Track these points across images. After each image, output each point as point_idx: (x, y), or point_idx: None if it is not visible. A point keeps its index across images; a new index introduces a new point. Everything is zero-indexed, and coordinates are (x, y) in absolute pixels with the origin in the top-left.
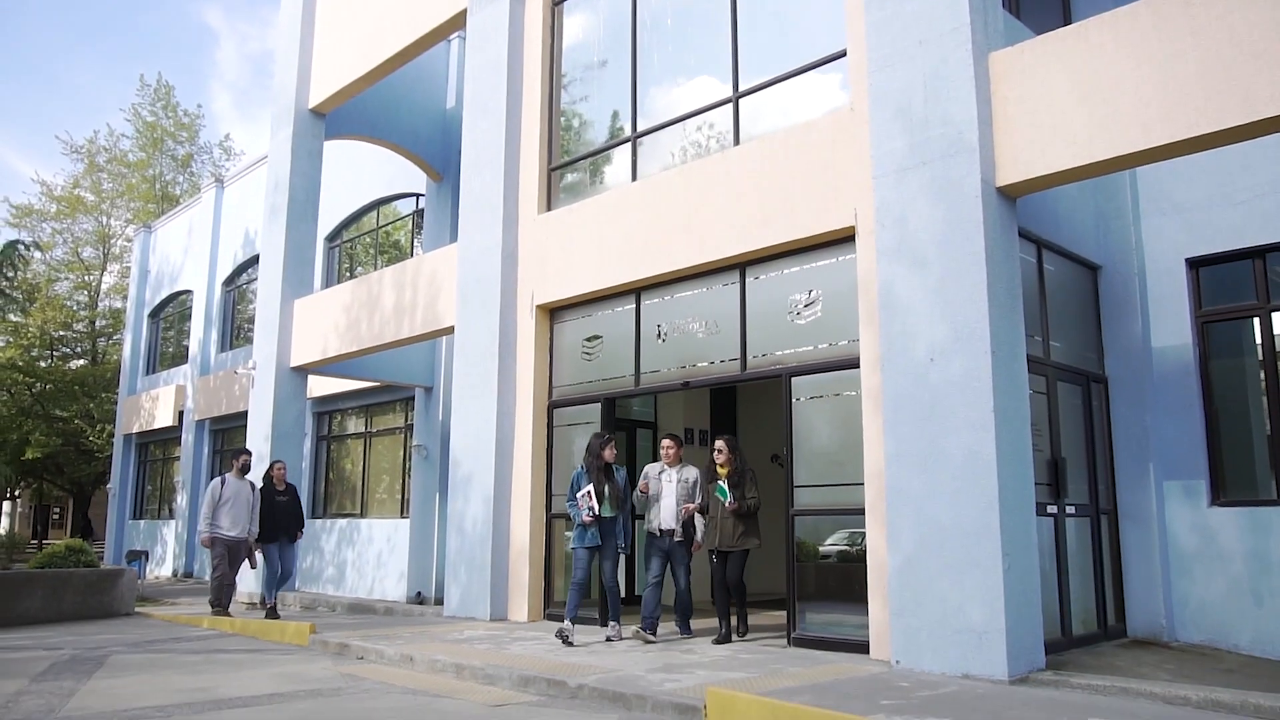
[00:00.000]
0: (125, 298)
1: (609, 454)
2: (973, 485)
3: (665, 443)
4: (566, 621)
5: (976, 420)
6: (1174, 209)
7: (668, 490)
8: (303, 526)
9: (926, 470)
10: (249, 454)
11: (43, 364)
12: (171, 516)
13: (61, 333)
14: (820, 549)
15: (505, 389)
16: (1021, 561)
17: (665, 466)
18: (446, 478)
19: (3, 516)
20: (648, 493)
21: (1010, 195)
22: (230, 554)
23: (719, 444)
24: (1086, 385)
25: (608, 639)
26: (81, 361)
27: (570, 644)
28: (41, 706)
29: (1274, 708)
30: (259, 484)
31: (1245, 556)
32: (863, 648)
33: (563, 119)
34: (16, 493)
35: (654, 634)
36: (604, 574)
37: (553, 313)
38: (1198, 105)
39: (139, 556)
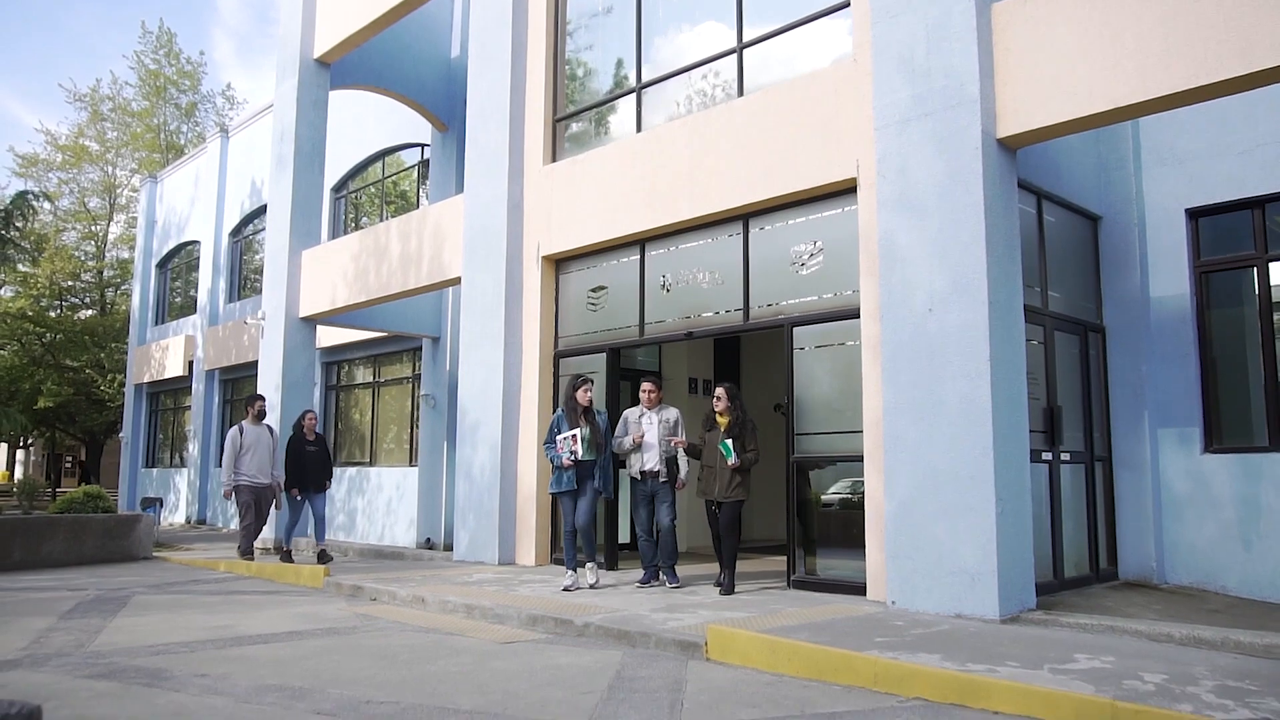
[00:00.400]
0: (132, 248)
1: (582, 396)
2: (968, 432)
3: (645, 386)
4: (568, 573)
5: (973, 369)
6: (1175, 159)
7: (649, 432)
8: (331, 476)
9: (924, 418)
10: (263, 399)
11: (52, 314)
12: (183, 465)
13: (70, 283)
14: (822, 497)
15: (512, 339)
16: (1014, 506)
17: (645, 410)
18: (454, 426)
19: (16, 465)
20: (641, 441)
21: (1010, 147)
22: (257, 501)
23: (718, 391)
24: (1084, 335)
25: (590, 585)
26: (90, 312)
27: (570, 590)
28: (71, 642)
29: (1253, 643)
30: (283, 432)
31: (1235, 502)
32: (860, 590)
33: (568, 69)
34: (30, 441)
35: (656, 580)
36: (578, 516)
37: (558, 264)
38: (1198, 57)
39: (154, 503)
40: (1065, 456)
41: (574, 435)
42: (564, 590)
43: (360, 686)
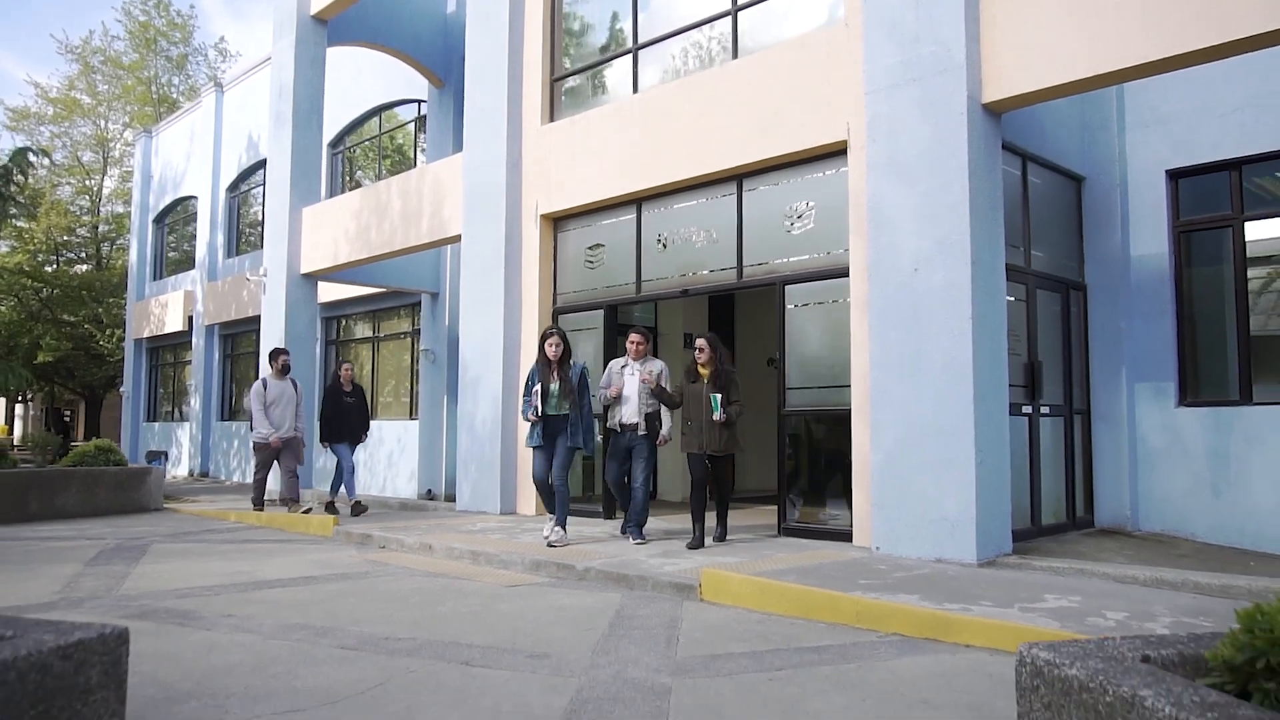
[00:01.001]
0: (127, 202)
1: (548, 350)
2: (951, 388)
3: (633, 337)
4: (549, 518)
5: (955, 327)
6: (1157, 122)
7: (630, 385)
8: (368, 428)
9: (909, 374)
10: (287, 353)
11: (48, 269)
12: (185, 419)
13: (65, 238)
14: (812, 449)
15: (512, 296)
16: (993, 458)
17: (629, 360)
18: (454, 380)
19: (15, 420)
20: (619, 393)
21: (995, 111)
22: (279, 455)
23: (699, 342)
24: (1066, 292)
25: (548, 542)
26: (86, 267)
27: (553, 545)
28: (100, 586)
29: (1210, 584)
30: (300, 385)
31: (1207, 453)
32: (847, 537)
33: (565, 28)
34: (29, 396)
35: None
36: (539, 470)
37: (556, 222)
38: (1176, 26)
39: (159, 456)
40: (1045, 410)
41: (536, 390)
42: (546, 543)
43: (378, 625)
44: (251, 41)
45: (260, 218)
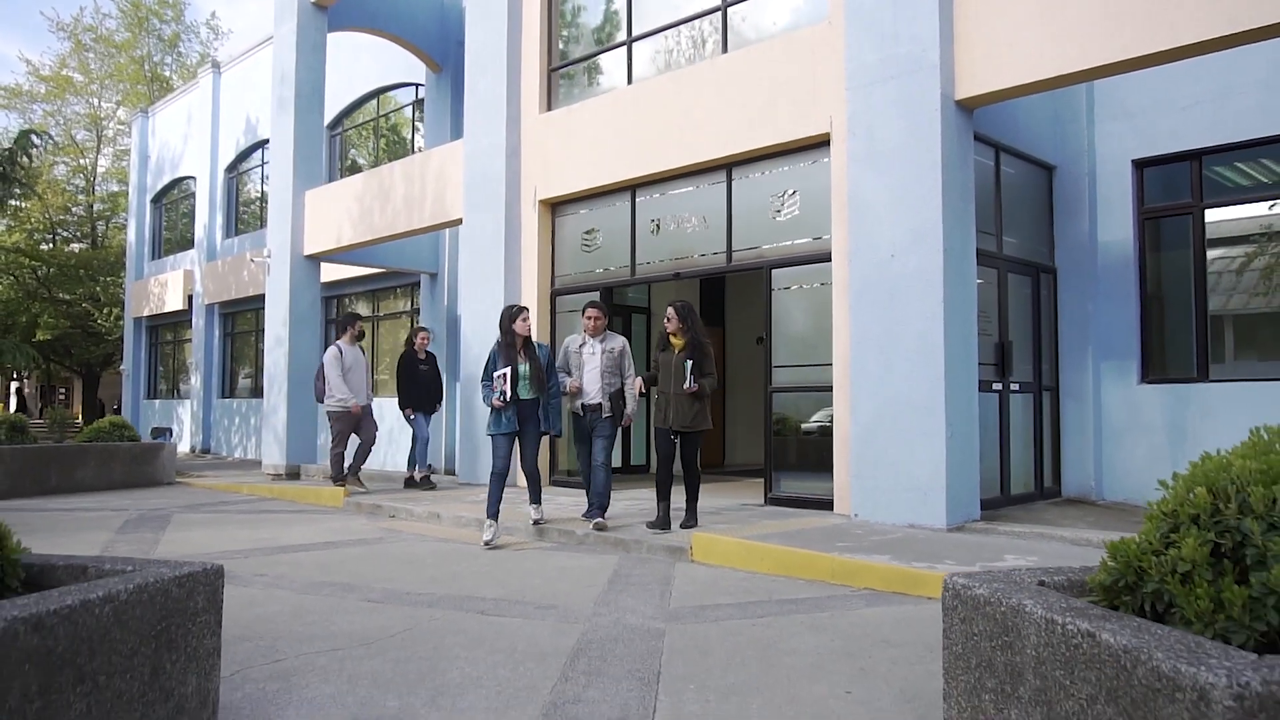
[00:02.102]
0: (121, 181)
1: (520, 327)
2: (923, 366)
3: (590, 312)
4: (488, 523)
5: (928, 310)
6: (1124, 114)
7: (590, 364)
8: (442, 398)
9: (885, 353)
10: (360, 318)
11: (44, 248)
12: (186, 396)
13: (61, 216)
14: (802, 426)
15: (511, 277)
16: (962, 431)
17: (587, 338)
18: (453, 359)
19: (11, 397)
20: (579, 392)
21: (968, 108)
22: (357, 427)
23: (669, 312)
24: (1036, 276)
25: (534, 522)
26: (81, 245)
27: (494, 546)
28: (135, 551)
29: None
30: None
31: (1166, 427)
32: (828, 505)
33: (562, 19)
34: (26, 374)
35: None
36: (524, 460)
37: (554, 207)
38: (1131, 31)
39: (164, 432)
40: (1015, 387)
41: (504, 374)
42: (485, 545)
43: (398, 582)
44: (240, 17)
45: (258, 198)
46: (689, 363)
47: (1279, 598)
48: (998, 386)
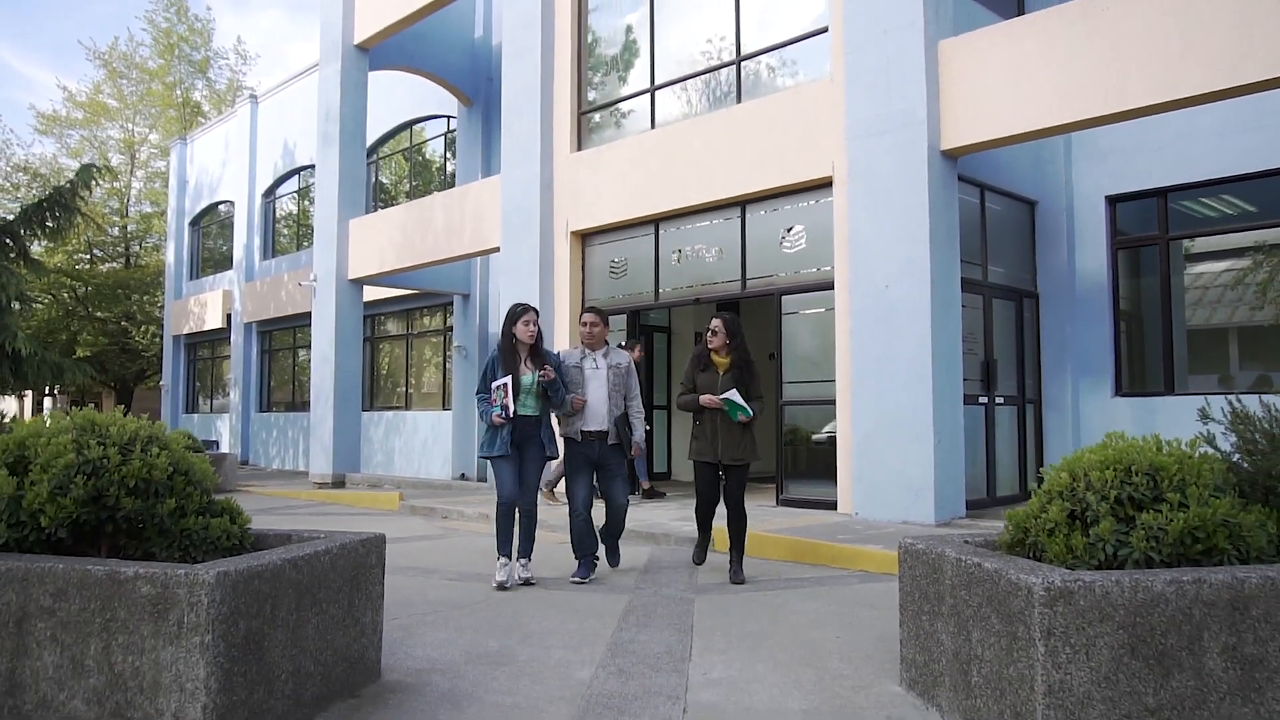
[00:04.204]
0: (154, 204)
1: (524, 330)
2: (914, 382)
3: (586, 318)
4: (501, 561)
5: (918, 333)
6: (1098, 155)
7: (594, 381)
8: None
9: (881, 370)
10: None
11: (81, 268)
12: (224, 410)
13: (99, 237)
14: (813, 436)
15: (545, 301)
16: (949, 439)
17: (586, 351)
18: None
19: (44, 411)
20: (581, 409)
21: (952, 157)
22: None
23: (714, 324)
24: (1020, 300)
25: (524, 581)
26: (114, 265)
27: (507, 588)
28: None
29: None
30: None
31: (1136, 435)
32: (832, 505)
33: (591, 65)
34: (58, 388)
35: (593, 573)
36: (522, 492)
37: (584, 238)
38: (1090, 95)
39: (212, 445)
40: (1000, 400)
41: (505, 384)
42: (497, 587)
43: (467, 567)
44: (255, 32)
45: (294, 221)
46: (734, 397)
47: (1105, 543)
48: (984, 400)
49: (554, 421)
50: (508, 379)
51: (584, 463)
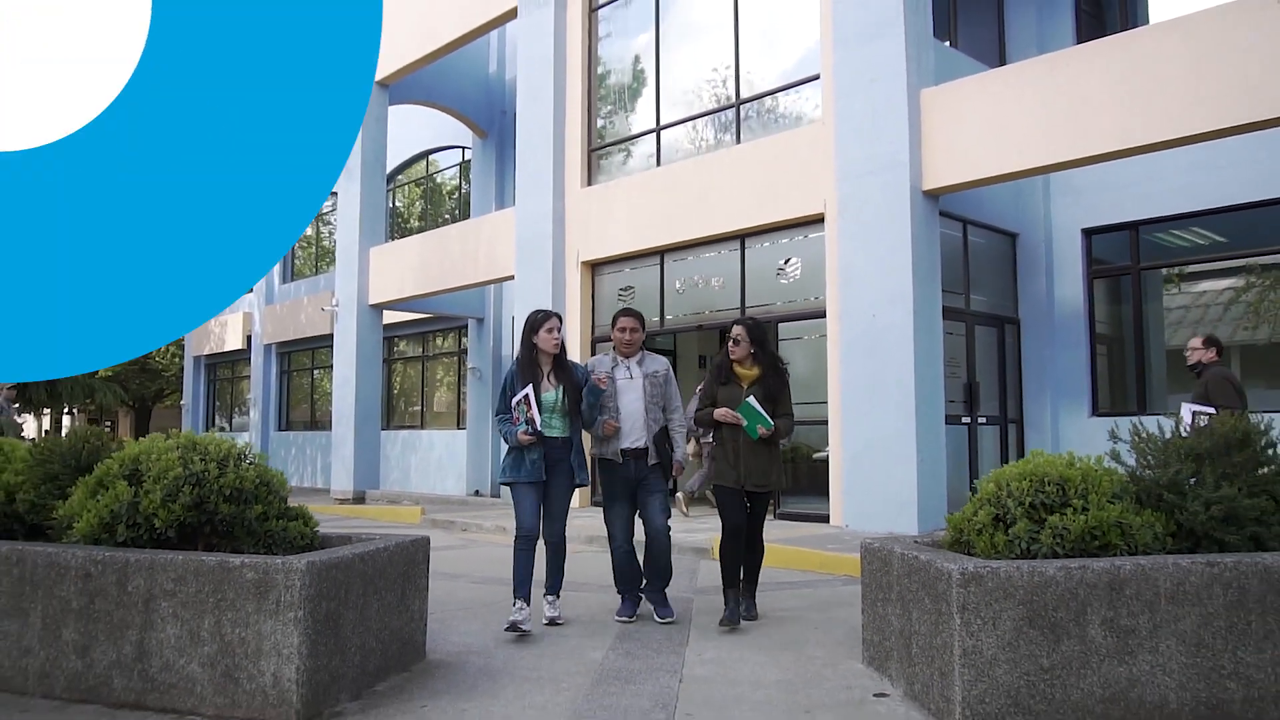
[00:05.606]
0: None
1: (547, 340)
2: (899, 405)
3: (623, 323)
4: (517, 604)
5: (902, 359)
6: (1074, 190)
7: (629, 394)
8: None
9: (869, 394)
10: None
11: None
12: (243, 429)
13: None
14: (814, 455)
15: None
16: (931, 457)
17: (619, 359)
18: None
19: (62, 428)
20: (615, 433)
21: (933, 196)
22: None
23: (735, 331)
24: (1001, 327)
25: (549, 621)
26: None
27: (525, 631)
28: None
29: None
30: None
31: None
32: (825, 519)
33: (600, 103)
34: (75, 407)
35: (636, 611)
36: (547, 525)
37: (594, 267)
38: (1059, 141)
39: None
40: (983, 420)
41: (526, 396)
42: (509, 628)
43: (491, 572)
44: None
45: (312, 247)
46: (753, 403)
47: (1020, 540)
48: (966, 420)
49: (584, 443)
50: (528, 389)
51: (621, 485)
